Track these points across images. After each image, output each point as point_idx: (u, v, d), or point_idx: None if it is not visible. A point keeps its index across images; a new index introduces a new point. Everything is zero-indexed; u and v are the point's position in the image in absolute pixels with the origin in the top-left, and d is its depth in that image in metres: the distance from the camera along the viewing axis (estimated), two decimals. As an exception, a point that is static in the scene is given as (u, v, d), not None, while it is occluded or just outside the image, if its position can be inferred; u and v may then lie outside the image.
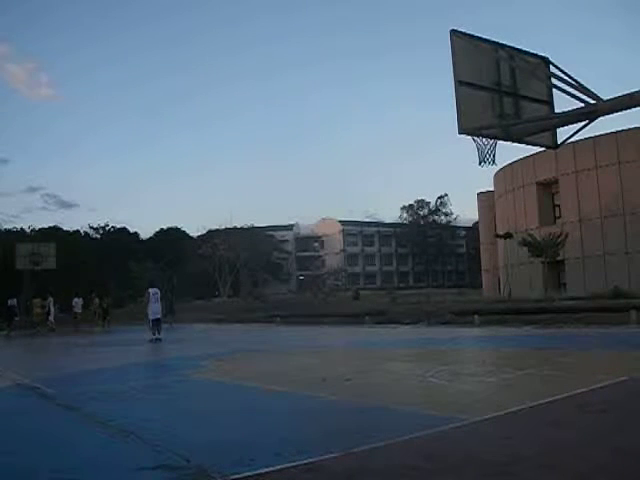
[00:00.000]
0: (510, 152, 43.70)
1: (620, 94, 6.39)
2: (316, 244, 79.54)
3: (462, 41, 6.80)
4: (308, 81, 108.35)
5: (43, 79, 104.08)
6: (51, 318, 26.64)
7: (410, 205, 77.34)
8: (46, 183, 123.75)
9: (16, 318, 26.59)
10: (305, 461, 3.73)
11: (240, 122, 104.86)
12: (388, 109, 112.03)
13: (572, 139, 7.81)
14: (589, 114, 6.78)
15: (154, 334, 16.63)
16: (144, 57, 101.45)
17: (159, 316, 17.00)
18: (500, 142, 7.24)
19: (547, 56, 7.50)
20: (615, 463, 3.47)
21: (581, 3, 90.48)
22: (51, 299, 27.39)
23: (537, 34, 76.55)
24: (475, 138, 7.03)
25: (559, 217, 32.17)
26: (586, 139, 25.65)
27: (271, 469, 3.60)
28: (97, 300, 29.24)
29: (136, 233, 59.60)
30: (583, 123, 6.99)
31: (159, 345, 15.70)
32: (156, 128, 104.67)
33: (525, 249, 28.29)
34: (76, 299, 28.11)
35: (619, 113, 6.67)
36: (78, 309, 27.98)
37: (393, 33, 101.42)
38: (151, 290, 17.37)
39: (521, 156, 31.82)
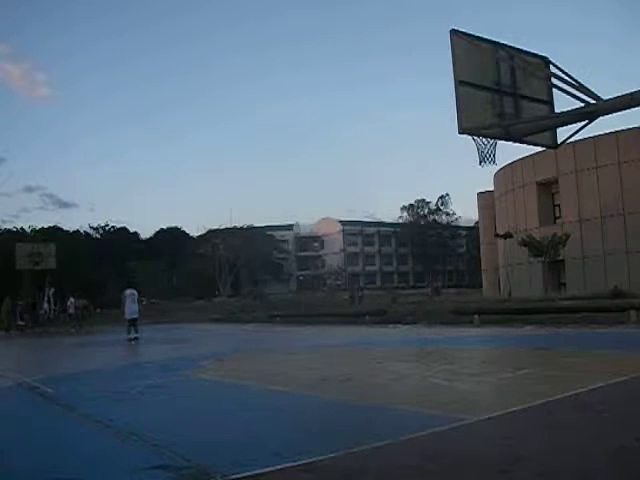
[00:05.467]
0: (510, 152, 43.75)
1: (620, 94, 6.40)
2: (316, 244, 79.53)
3: (462, 41, 6.81)
4: (308, 81, 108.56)
5: (41, 79, 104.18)
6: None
7: (410, 205, 77.39)
8: (44, 183, 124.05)
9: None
10: (305, 461, 3.73)
11: (240, 122, 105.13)
12: (388, 109, 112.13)
13: (572, 139, 7.82)
14: (589, 114, 6.79)
15: (129, 332, 17.05)
16: (144, 58, 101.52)
17: (135, 316, 17.43)
18: (500, 142, 7.25)
19: (547, 56, 7.50)
20: (615, 463, 3.47)
21: (581, 3, 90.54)
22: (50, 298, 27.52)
23: (537, 34, 76.61)
24: (475, 138, 7.03)
25: (559, 217, 32.15)
26: (586, 139, 25.64)
27: (271, 469, 3.60)
28: (72, 299, 28.28)
29: (136, 233, 59.75)
30: (583, 123, 7.00)
31: (158, 345, 15.70)
32: (156, 128, 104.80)
33: (525, 249, 28.29)
34: (72, 299, 28.22)
35: (619, 113, 6.68)
36: (72, 309, 28.04)
37: (393, 33, 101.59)
38: (127, 291, 17.78)
39: (521, 156, 31.84)
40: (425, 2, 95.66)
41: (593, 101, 6.64)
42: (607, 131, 27.28)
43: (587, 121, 6.92)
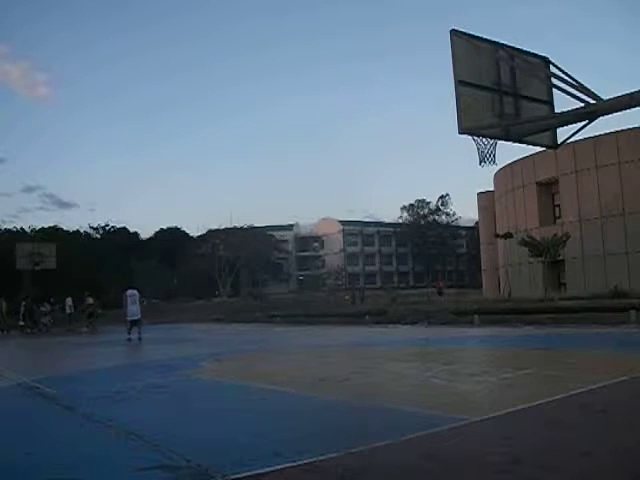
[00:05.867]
0: (510, 152, 43.75)
1: (620, 94, 6.39)
2: (316, 244, 79.54)
3: (462, 41, 6.80)
4: (308, 82, 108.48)
5: (41, 79, 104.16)
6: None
7: (411, 205, 77.39)
8: (44, 183, 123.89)
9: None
10: (305, 461, 3.73)
11: (240, 122, 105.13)
12: (388, 109, 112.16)
13: (572, 139, 7.81)
14: (589, 114, 6.78)
15: (129, 333, 17.07)
16: (144, 57, 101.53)
17: (137, 317, 17.38)
18: (500, 142, 7.24)
19: (547, 56, 7.50)
20: (615, 463, 3.46)
21: (581, 3, 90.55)
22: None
23: (537, 34, 76.62)
24: (475, 138, 7.02)
25: (559, 217, 32.16)
26: (586, 139, 25.64)
27: (271, 469, 3.60)
28: (69, 299, 28.16)
29: (136, 233, 59.71)
30: (583, 123, 6.99)
31: (158, 345, 15.69)
32: (156, 128, 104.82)
33: (525, 249, 28.28)
34: (69, 299, 28.16)
35: (619, 113, 6.67)
36: (71, 309, 27.94)
37: (393, 34, 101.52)
38: (128, 292, 17.66)
39: (521, 156, 31.84)
40: (425, 2, 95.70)
41: (593, 101, 6.63)
42: (607, 131, 27.30)
43: (587, 121, 6.92)
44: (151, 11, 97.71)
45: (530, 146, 8.06)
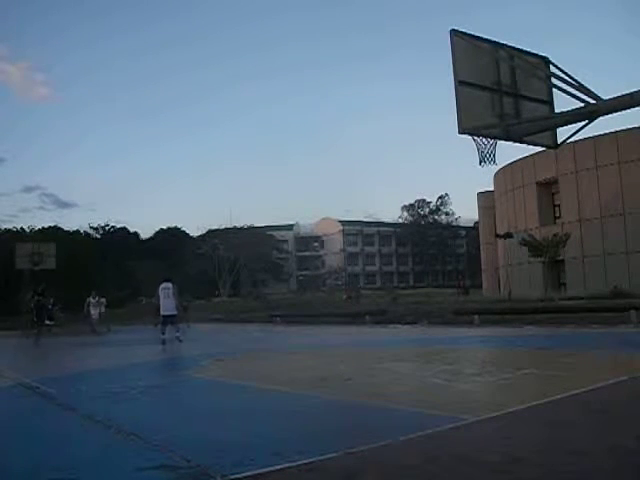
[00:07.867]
0: (510, 152, 43.76)
1: (620, 94, 6.39)
2: (316, 244, 79.56)
3: (462, 41, 6.79)
4: (308, 82, 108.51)
5: (40, 79, 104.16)
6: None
7: (411, 205, 77.48)
8: (44, 183, 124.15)
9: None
10: (305, 461, 3.72)
11: (240, 122, 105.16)
12: (388, 109, 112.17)
13: (572, 139, 7.82)
14: (589, 114, 6.78)
15: (163, 333, 15.02)
16: (143, 58, 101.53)
17: (172, 312, 15.27)
18: (500, 142, 7.24)
19: (547, 56, 7.50)
20: (615, 463, 3.46)
21: (581, 3, 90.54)
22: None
23: (537, 34, 76.58)
24: (475, 138, 7.02)
25: (559, 217, 32.19)
26: (586, 139, 25.69)
27: (271, 469, 3.60)
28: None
29: (136, 233, 59.75)
30: (583, 123, 6.99)
31: (158, 345, 15.66)
32: (156, 128, 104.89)
33: (525, 249, 28.30)
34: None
35: (619, 113, 6.67)
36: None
37: (393, 34, 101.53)
38: (161, 285, 15.70)
39: (521, 156, 31.88)
40: (425, 2, 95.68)
41: (593, 101, 6.63)
42: (607, 131, 27.32)
43: (587, 121, 6.92)
44: (150, 12, 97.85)
45: (530, 146, 8.06)
